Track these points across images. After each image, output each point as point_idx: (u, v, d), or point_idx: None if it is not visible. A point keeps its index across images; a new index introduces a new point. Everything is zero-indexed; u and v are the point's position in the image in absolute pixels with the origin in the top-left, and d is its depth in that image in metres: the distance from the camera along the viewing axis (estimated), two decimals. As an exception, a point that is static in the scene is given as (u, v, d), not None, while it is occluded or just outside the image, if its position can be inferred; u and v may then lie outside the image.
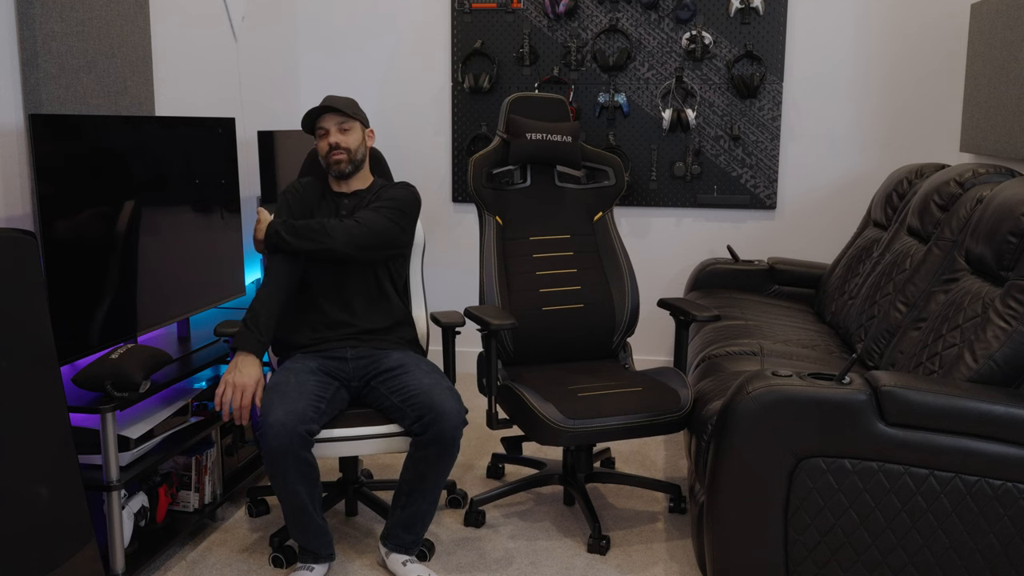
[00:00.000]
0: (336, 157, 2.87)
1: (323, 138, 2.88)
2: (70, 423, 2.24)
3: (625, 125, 4.42)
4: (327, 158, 2.88)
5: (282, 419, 2.46)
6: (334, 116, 2.86)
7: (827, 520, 2.20)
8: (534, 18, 4.40)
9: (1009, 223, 2.45)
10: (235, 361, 2.62)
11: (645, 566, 2.78)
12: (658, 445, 3.78)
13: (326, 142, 2.87)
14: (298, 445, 2.47)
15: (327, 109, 2.85)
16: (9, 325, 2.08)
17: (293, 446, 2.46)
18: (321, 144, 2.89)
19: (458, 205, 4.66)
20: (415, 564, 2.67)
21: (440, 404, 2.56)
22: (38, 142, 2.42)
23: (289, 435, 2.45)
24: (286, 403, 2.51)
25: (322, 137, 2.88)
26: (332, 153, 2.86)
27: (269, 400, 2.53)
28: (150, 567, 2.75)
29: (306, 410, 2.52)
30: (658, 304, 3.20)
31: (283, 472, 2.48)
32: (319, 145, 2.90)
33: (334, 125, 2.86)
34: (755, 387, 2.21)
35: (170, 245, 3.02)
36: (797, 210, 4.42)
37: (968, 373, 2.31)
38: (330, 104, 2.85)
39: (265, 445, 2.46)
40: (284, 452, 2.46)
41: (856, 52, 4.26)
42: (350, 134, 2.88)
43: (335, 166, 2.88)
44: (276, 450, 2.45)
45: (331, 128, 2.86)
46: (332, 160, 2.87)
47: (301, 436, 2.47)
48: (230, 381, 2.58)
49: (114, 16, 2.96)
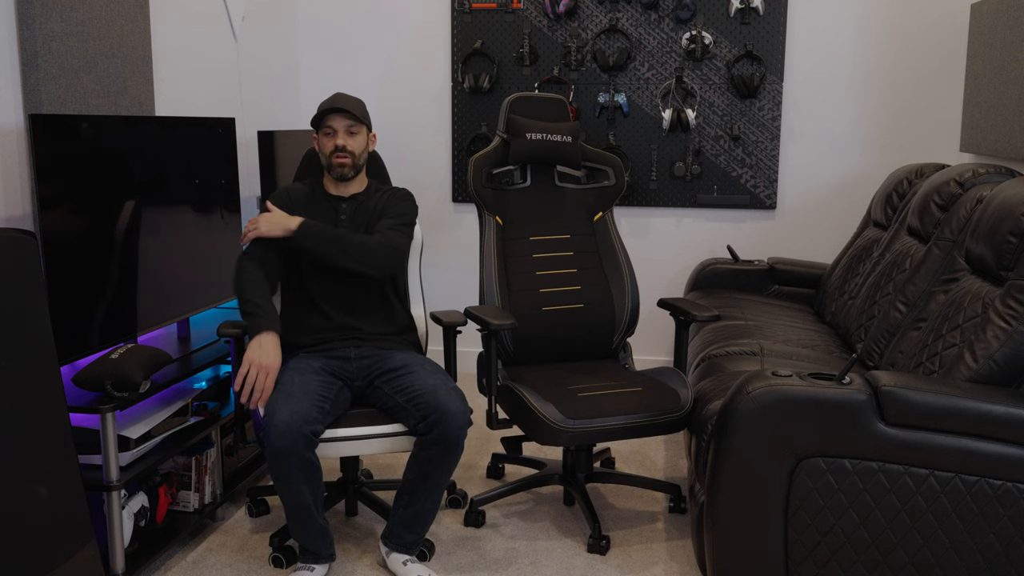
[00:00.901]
0: (340, 160, 2.83)
1: (329, 137, 2.83)
2: (70, 423, 2.24)
3: (625, 125, 4.42)
4: (330, 158, 2.84)
5: (287, 420, 2.45)
6: (345, 118, 2.82)
7: (827, 520, 2.20)
8: (534, 18, 4.40)
9: (1009, 223, 2.45)
10: (257, 341, 2.57)
11: (645, 566, 2.78)
12: (658, 445, 3.78)
13: (332, 142, 2.82)
14: (303, 446, 2.46)
15: (339, 109, 2.80)
16: (9, 325, 2.08)
17: (298, 447, 2.45)
18: (326, 142, 2.84)
19: (458, 205, 4.66)
20: (415, 564, 2.67)
21: (445, 404, 2.56)
22: (38, 142, 2.42)
23: (294, 436, 2.44)
24: (291, 403, 2.50)
25: (328, 136, 2.84)
26: (336, 155, 2.82)
27: (274, 400, 2.52)
28: (150, 567, 2.75)
29: (311, 411, 2.52)
30: (658, 304, 3.20)
31: (287, 473, 2.48)
32: (323, 142, 2.85)
33: (343, 127, 2.82)
34: (755, 387, 2.21)
35: (170, 245, 3.02)
36: (797, 210, 4.42)
37: (968, 373, 2.31)
38: (342, 105, 2.81)
39: (269, 446, 2.45)
40: (288, 453, 2.45)
41: (856, 52, 4.27)
42: (357, 138, 2.84)
43: (337, 168, 2.84)
44: (281, 451, 2.45)
45: (339, 129, 2.82)
46: (335, 162, 2.83)
47: (306, 437, 2.47)
48: (255, 361, 2.53)
49: (114, 16, 2.96)
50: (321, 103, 2.87)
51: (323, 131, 2.84)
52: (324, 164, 2.89)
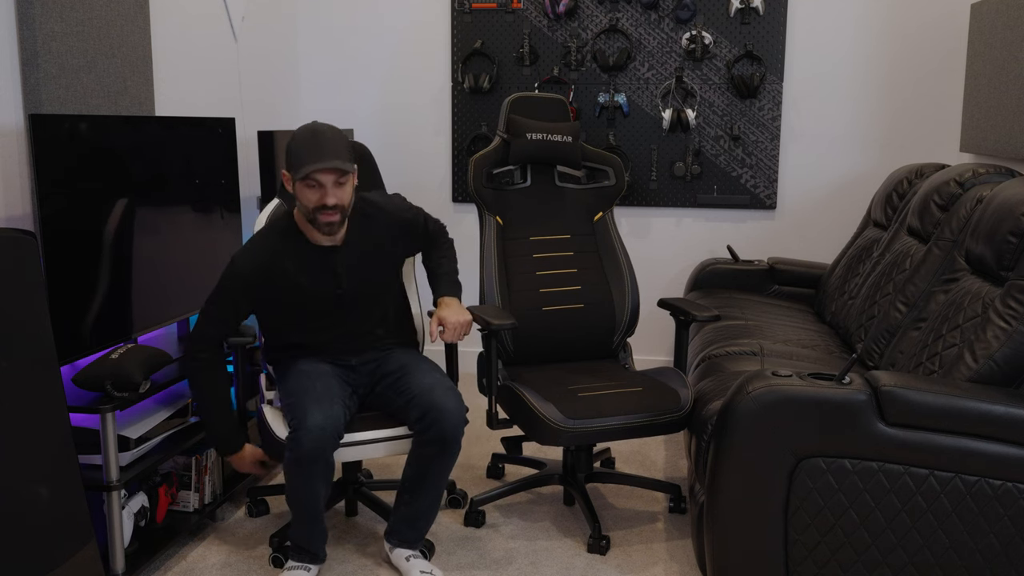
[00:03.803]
0: (329, 218, 2.51)
1: (313, 190, 2.48)
2: (70, 423, 2.24)
3: (625, 125, 4.42)
4: (315, 214, 2.51)
5: (321, 423, 2.44)
6: (332, 172, 2.48)
7: (827, 520, 2.20)
8: (534, 18, 4.40)
9: (1009, 223, 2.45)
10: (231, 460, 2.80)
11: (645, 566, 2.78)
12: (658, 445, 3.78)
13: (318, 197, 2.48)
14: (331, 449, 2.47)
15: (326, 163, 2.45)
16: (9, 325, 2.08)
17: (327, 450, 2.45)
18: (309, 195, 2.49)
19: (458, 205, 4.66)
20: (419, 560, 2.67)
21: (441, 403, 2.56)
22: (38, 142, 2.42)
23: (327, 440, 2.44)
24: (322, 406, 2.48)
25: (311, 188, 2.48)
26: (324, 213, 2.51)
27: (302, 405, 2.49)
28: (150, 567, 2.75)
29: (339, 413, 2.52)
30: (658, 304, 3.20)
31: (311, 475, 2.47)
32: (305, 194, 2.50)
33: (331, 181, 2.48)
34: (755, 387, 2.21)
35: (170, 245, 3.02)
36: (797, 210, 4.42)
37: (968, 373, 2.31)
38: (329, 157, 2.45)
39: (299, 448, 2.43)
40: (318, 457, 2.44)
41: (856, 52, 4.26)
42: (345, 188, 2.52)
43: (326, 226, 2.53)
44: (312, 453, 2.43)
45: (328, 185, 2.48)
46: (323, 220, 2.52)
47: (334, 440, 2.48)
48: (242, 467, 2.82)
49: (114, 16, 2.96)
50: (298, 141, 2.51)
51: (305, 183, 2.49)
52: (305, 216, 2.56)
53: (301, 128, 2.56)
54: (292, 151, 2.52)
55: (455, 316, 2.70)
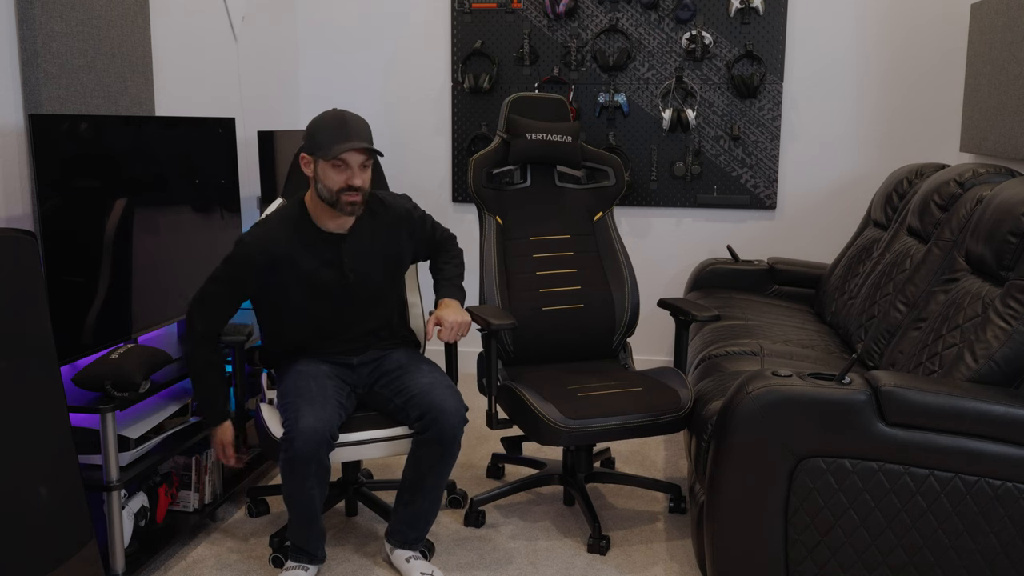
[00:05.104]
0: (352, 199, 2.55)
1: (339, 171, 2.53)
2: (70, 423, 2.24)
3: (625, 125, 4.42)
4: (338, 195, 2.55)
5: (313, 424, 2.44)
6: (362, 153, 2.54)
7: (827, 520, 2.20)
8: (534, 18, 4.40)
9: (1009, 223, 2.45)
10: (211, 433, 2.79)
11: (645, 566, 2.78)
12: (658, 445, 3.78)
13: (343, 178, 2.53)
14: (324, 451, 2.47)
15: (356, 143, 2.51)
16: (9, 325, 2.08)
17: (320, 452, 2.45)
18: (334, 176, 2.53)
19: (458, 205, 4.66)
20: (419, 560, 2.67)
21: (440, 402, 2.56)
22: (38, 142, 2.42)
23: (319, 441, 2.44)
24: (315, 408, 2.49)
25: (337, 169, 2.53)
26: (348, 193, 2.55)
27: (296, 406, 2.50)
28: (150, 567, 2.75)
29: (333, 415, 2.52)
30: (658, 304, 3.20)
31: (304, 476, 2.47)
32: (329, 176, 2.54)
33: (358, 163, 2.54)
34: (755, 387, 2.21)
35: (170, 245, 3.02)
36: (797, 210, 4.41)
37: (968, 373, 2.31)
38: (359, 137, 2.51)
39: (292, 450, 2.43)
40: (310, 458, 2.44)
41: (856, 52, 4.26)
42: (368, 172, 2.58)
43: (348, 207, 2.56)
44: (304, 455, 2.43)
45: (355, 166, 2.53)
46: (346, 200, 2.55)
47: (328, 442, 2.47)
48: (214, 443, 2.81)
49: (114, 16, 2.96)
50: (325, 124, 2.56)
51: (331, 163, 2.53)
52: (326, 199, 2.58)
53: (326, 112, 2.60)
54: (317, 133, 2.56)
55: (453, 316, 2.72)
